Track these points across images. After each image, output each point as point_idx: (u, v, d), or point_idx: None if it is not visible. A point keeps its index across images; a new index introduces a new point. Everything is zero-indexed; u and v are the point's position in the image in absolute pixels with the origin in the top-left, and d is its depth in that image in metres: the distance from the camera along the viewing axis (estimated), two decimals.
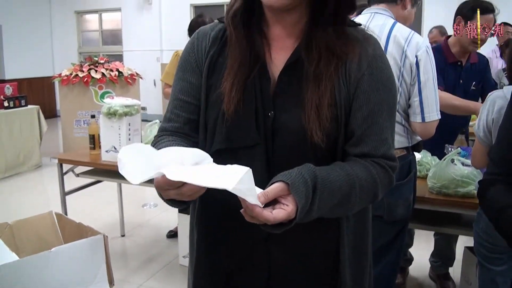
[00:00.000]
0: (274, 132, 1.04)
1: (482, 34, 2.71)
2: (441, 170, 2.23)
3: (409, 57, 1.91)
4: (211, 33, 1.14)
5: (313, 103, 1.00)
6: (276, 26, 1.09)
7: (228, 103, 1.04)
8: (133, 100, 3.05)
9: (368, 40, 1.08)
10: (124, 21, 10.34)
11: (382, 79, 1.06)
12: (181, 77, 1.15)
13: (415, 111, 1.96)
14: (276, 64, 1.08)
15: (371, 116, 1.04)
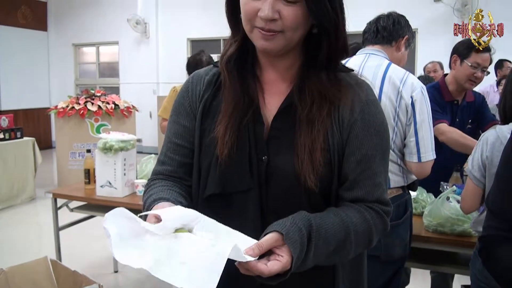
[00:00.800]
0: (268, 176, 1.04)
1: (478, 72, 2.74)
2: (437, 208, 2.22)
3: (404, 98, 1.93)
4: (205, 77, 1.15)
5: (306, 147, 1.00)
6: (269, 70, 1.10)
7: (221, 147, 1.04)
8: (129, 135, 3.04)
9: (361, 86, 1.09)
10: (122, 54, 10.42)
11: (375, 124, 1.06)
12: (175, 121, 1.16)
13: (411, 151, 1.97)
14: (269, 108, 1.08)
15: (364, 161, 1.04)
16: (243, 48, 1.09)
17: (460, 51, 2.80)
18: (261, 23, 0.97)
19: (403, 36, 2.16)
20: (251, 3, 0.97)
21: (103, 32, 10.42)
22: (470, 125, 2.93)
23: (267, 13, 0.94)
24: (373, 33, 2.16)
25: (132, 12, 9.78)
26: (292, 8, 0.95)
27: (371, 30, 2.18)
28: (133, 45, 10.12)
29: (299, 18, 0.97)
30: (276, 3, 0.95)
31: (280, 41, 0.99)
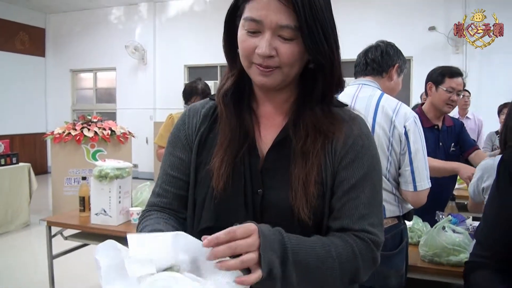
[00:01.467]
0: (263, 210, 1.04)
1: (453, 96, 2.87)
2: (433, 238, 2.22)
3: (397, 127, 1.94)
4: (202, 110, 1.17)
5: (300, 180, 1.01)
6: (265, 104, 1.12)
7: (217, 179, 1.04)
8: (124, 162, 3.04)
9: (354, 120, 1.11)
10: (119, 80, 10.49)
11: (366, 156, 1.07)
12: (171, 153, 1.17)
13: (406, 180, 1.97)
14: (265, 141, 1.09)
15: (352, 191, 1.04)
16: (240, 82, 1.11)
17: (434, 78, 2.95)
18: (259, 60, 0.99)
19: (393, 65, 2.18)
20: (249, 40, 0.99)
21: (100, 58, 10.51)
22: (453, 148, 3.00)
23: (264, 50, 0.97)
24: (363, 66, 2.19)
25: (130, 38, 9.89)
26: (289, 46, 0.98)
27: (361, 63, 2.21)
28: (130, 71, 10.19)
29: (295, 55, 0.99)
30: (273, 40, 0.97)
31: (277, 76, 1.01)
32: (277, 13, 0.95)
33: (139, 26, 10.12)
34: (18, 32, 10.34)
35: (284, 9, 0.95)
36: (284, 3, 0.94)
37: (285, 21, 0.95)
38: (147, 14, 10.02)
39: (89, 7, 10.38)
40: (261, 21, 0.96)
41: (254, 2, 0.97)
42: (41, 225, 3.31)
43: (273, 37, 0.97)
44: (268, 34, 0.97)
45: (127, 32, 10.14)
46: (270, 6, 0.95)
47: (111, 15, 10.51)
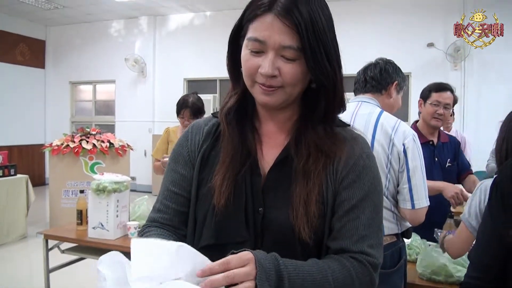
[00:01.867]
0: (263, 228, 1.04)
1: (440, 109, 2.94)
2: (431, 256, 2.21)
3: (396, 145, 1.95)
4: (204, 128, 1.17)
5: (301, 199, 1.01)
6: (268, 122, 1.13)
7: (218, 197, 1.04)
8: (122, 176, 3.03)
9: (356, 139, 1.11)
10: (118, 92, 10.51)
11: (368, 177, 1.07)
12: (173, 169, 1.16)
13: (404, 198, 1.97)
14: (266, 160, 1.10)
15: (352, 211, 1.04)
16: (243, 100, 1.12)
17: (423, 94, 3.06)
18: (262, 79, 1.00)
19: (392, 82, 2.19)
20: (252, 60, 1.00)
21: (100, 71, 10.55)
22: (450, 164, 3.02)
23: (267, 70, 0.98)
24: (362, 83, 2.21)
25: (129, 51, 9.93)
26: (292, 66, 0.99)
27: (360, 80, 2.23)
28: (129, 84, 10.22)
29: (298, 74, 1.00)
30: (276, 60, 0.98)
31: (280, 96, 1.02)
32: (280, 34, 0.96)
33: (139, 39, 10.17)
34: (19, 43, 10.38)
35: (287, 30, 0.96)
36: (288, 24, 0.96)
37: (288, 42, 0.97)
38: (147, 27, 10.08)
39: (89, 20, 10.43)
40: (265, 41, 0.98)
41: (258, 23, 0.99)
42: (38, 238, 3.28)
43: (276, 57, 0.98)
44: (271, 54, 0.98)
45: (127, 45, 10.18)
46: (274, 27, 0.97)
47: (111, 28, 10.56)
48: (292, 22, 0.95)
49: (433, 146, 2.99)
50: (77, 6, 9.33)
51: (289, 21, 0.95)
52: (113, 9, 9.60)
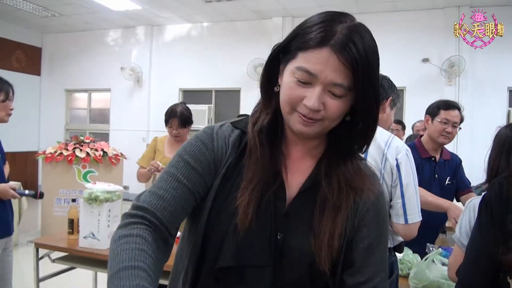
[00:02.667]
0: (282, 254, 1.03)
1: (448, 128, 2.97)
2: (422, 270, 2.21)
3: (389, 160, 1.96)
4: (229, 139, 1.10)
5: (327, 231, 1.02)
6: (295, 147, 1.11)
7: (242, 217, 1.00)
8: (115, 186, 3.02)
9: (374, 177, 1.13)
10: (113, 101, 10.51)
11: (382, 215, 1.11)
12: (189, 162, 1.06)
13: (397, 213, 1.98)
14: (291, 185, 1.08)
15: (370, 248, 1.07)
16: (274, 121, 1.08)
17: (431, 110, 3.07)
18: (304, 110, 0.97)
19: (387, 98, 2.20)
20: (298, 89, 0.97)
21: (96, 79, 10.55)
22: (449, 182, 3.03)
23: (313, 104, 0.95)
24: None
25: (126, 60, 9.94)
26: (338, 102, 0.97)
27: None
28: (125, 93, 10.22)
29: (341, 111, 0.99)
30: (323, 95, 0.95)
31: (317, 128, 1.00)
32: (334, 71, 0.93)
33: (136, 49, 10.19)
34: (15, 50, 10.38)
35: (342, 68, 0.93)
36: (344, 63, 0.92)
37: (340, 79, 0.94)
38: (144, 37, 10.10)
39: (86, 28, 10.45)
40: (316, 75, 0.94)
41: (312, 54, 0.94)
42: (29, 246, 3.25)
43: (323, 92, 0.95)
44: (319, 88, 0.95)
45: (123, 54, 10.20)
46: (329, 62, 0.93)
47: (108, 37, 10.58)
48: (348, 60, 0.92)
49: (434, 162, 3.02)
50: (74, 14, 9.35)
51: (345, 58, 0.92)
52: (110, 18, 9.63)
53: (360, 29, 0.96)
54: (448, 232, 3.26)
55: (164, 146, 3.73)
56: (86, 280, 4.05)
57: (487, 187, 1.24)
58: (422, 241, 2.63)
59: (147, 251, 0.93)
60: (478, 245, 1.17)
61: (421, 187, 2.71)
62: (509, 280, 1.06)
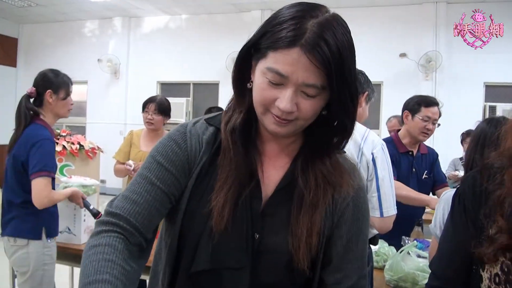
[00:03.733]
0: (260, 254, 1.01)
1: (429, 125, 2.95)
2: (397, 262, 2.24)
3: (365, 154, 1.98)
4: (203, 137, 1.07)
5: (305, 231, 0.99)
6: (271, 144, 1.08)
7: (217, 219, 0.97)
8: (91, 179, 2.99)
9: (353, 170, 1.11)
10: (90, 93, 10.38)
11: (362, 210, 1.09)
12: (162, 164, 1.03)
13: (373, 206, 2.00)
14: (267, 183, 1.05)
15: (348, 245, 1.06)
16: (248, 120, 1.05)
17: (411, 106, 3.02)
18: (277, 112, 0.94)
19: (362, 92, 2.23)
20: (270, 91, 0.94)
21: (72, 71, 10.12)
22: (426, 176, 3.06)
23: (286, 107, 0.92)
24: None
25: (103, 52, 9.82)
26: (311, 102, 0.94)
27: None
28: (102, 85, 10.10)
29: (315, 110, 0.96)
30: (296, 96, 0.92)
31: (292, 127, 0.98)
32: (305, 72, 0.89)
33: (113, 40, 10.07)
34: None
35: (314, 69, 0.89)
36: (316, 64, 0.88)
37: (312, 80, 0.90)
38: (122, 28, 9.99)
39: (63, 19, 10.29)
40: (287, 76, 0.90)
41: (281, 55, 0.90)
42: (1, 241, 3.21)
43: (296, 92, 0.92)
44: (291, 90, 0.91)
45: (100, 46, 10.07)
46: (300, 63, 0.89)
47: (85, 28, 10.43)
48: (319, 60, 0.88)
49: (412, 156, 3.03)
50: (50, 4, 9.19)
51: (317, 59, 0.87)
52: (87, 9, 9.49)
53: (333, 24, 0.91)
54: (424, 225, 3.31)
55: (140, 140, 3.69)
56: (62, 275, 4.00)
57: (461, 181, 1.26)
58: (397, 234, 2.67)
59: (115, 261, 0.91)
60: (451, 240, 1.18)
61: (399, 181, 2.76)
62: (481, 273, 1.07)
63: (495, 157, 1.10)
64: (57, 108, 2.72)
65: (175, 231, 1.03)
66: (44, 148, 2.46)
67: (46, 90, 2.66)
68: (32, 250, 2.49)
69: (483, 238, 1.05)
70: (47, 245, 2.53)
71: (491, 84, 7.80)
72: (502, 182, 1.03)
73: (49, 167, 2.46)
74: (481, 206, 1.08)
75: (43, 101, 2.66)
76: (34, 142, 2.46)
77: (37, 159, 2.42)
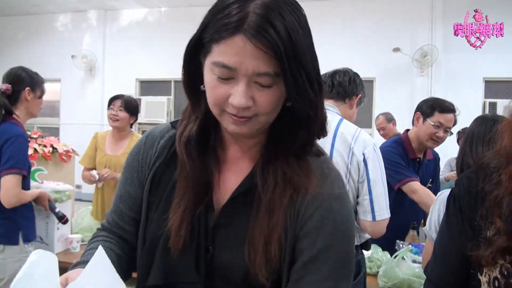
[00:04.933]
0: (214, 268, 0.99)
1: (440, 132, 2.85)
2: (392, 268, 2.27)
3: (356, 155, 1.99)
4: (160, 141, 1.09)
5: (262, 238, 0.95)
6: (232, 147, 1.06)
7: (174, 240, 0.98)
8: (64, 185, 2.98)
9: (326, 177, 1.02)
10: (64, 92, 10.28)
11: (334, 223, 0.98)
12: (123, 183, 1.13)
13: (365, 210, 2.01)
14: (223, 191, 1.03)
15: (313, 262, 0.96)
16: (204, 125, 1.03)
17: (424, 109, 2.92)
18: (233, 110, 0.90)
19: (357, 94, 2.25)
20: (220, 87, 0.90)
21: (44, 68, 10.00)
22: (430, 184, 3.06)
23: (240, 102, 0.88)
24: (328, 88, 2.24)
25: (77, 48, 9.73)
26: (267, 93, 0.90)
27: (326, 84, 2.26)
28: (76, 83, 10.00)
29: (274, 101, 0.92)
30: (249, 89, 0.89)
31: (253, 125, 0.94)
32: (254, 60, 0.85)
33: (87, 35, 9.98)
34: None
35: (262, 55, 0.85)
36: (262, 49, 0.84)
37: (263, 68, 0.86)
38: (97, 22, 9.91)
39: (33, 12, 10.18)
40: (235, 68, 0.86)
41: (225, 46, 0.86)
42: None
43: (248, 85, 0.88)
44: (243, 83, 0.88)
45: (74, 41, 9.97)
46: (246, 51, 0.85)
47: (57, 22, 10.33)
48: (267, 45, 0.84)
49: (419, 163, 3.00)
50: None
51: (264, 43, 0.84)
52: (59, 1, 9.41)
53: (279, 3, 0.87)
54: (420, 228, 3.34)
55: (105, 143, 3.65)
56: None
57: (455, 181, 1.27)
58: (391, 239, 2.69)
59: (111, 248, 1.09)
60: (445, 241, 1.20)
61: None
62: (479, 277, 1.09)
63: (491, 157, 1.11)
64: (32, 107, 2.77)
65: (140, 240, 1.08)
66: (17, 145, 2.48)
67: (25, 87, 2.71)
68: (8, 256, 2.49)
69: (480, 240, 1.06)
70: (24, 250, 2.53)
71: (491, 79, 7.83)
72: (499, 182, 1.04)
73: (20, 164, 2.48)
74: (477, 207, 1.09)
75: (18, 99, 2.69)
76: (7, 138, 2.48)
77: (9, 155, 2.44)
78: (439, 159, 3.25)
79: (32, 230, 2.62)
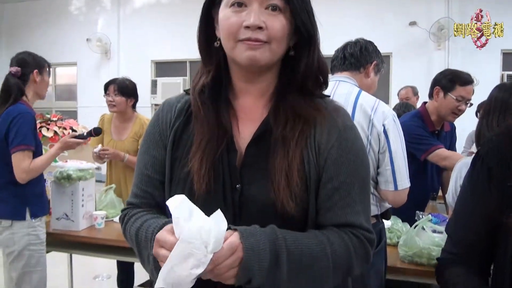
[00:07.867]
0: (241, 205, 1.06)
1: (462, 105, 2.83)
2: (412, 238, 2.28)
3: (376, 126, 2.00)
4: (177, 105, 1.17)
5: (282, 171, 1.02)
6: (244, 96, 1.14)
7: (198, 182, 1.05)
8: (87, 163, 3.03)
9: (338, 111, 1.13)
10: (80, 76, 10.37)
11: (353, 150, 1.09)
12: (146, 151, 1.18)
13: (387, 180, 2.03)
14: (243, 136, 1.11)
15: (342, 188, 1.06)
16: (217, 77, 1.13)
17: (444, 84, 2.87)
18: (247, 34, 1.02)
19: (371, 62, 2.24)
20: (234, 16, 1.03)
21: (60, 52, 10.33)
22: None
23: (254, 20, 1.00)
24: (341, 60, 2.25)
25: (92, 31, 9.78)
26: (277, 18, 1.03)
27: (338, 57, 2.27)
28: (92, 67, 10.08)
29: (284, 28, 1.04)
30: (261, 13, 1.02)
31: (265, 52, 1.03)
32: None
33: (102, 18, 10.03)
34: None
35: None
36: None
37: None
38: (111, 5, 9.94)
39: None
40: None
41: None
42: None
43: (260, 8, 1.02)
44: (255, 5, 1.02)
45: (88, 24, 10.02)
46: None
47: (72, 5, 10.38)
48: None
49: (437, 136, 3.00)
50: None
51: None
52: None
53: None
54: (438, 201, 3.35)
55: (111, 127, 3.68)
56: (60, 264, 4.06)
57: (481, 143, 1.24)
58: (411, 210, 2.70)
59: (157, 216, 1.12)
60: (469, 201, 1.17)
61: None
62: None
63: None
64: (40, 88, 2.90)
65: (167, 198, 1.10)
66: (22, 121, 2.57)
67: (33, 69, 2.82)
68: (16, 231, 2.60)
69: None
70: (32, 225, 2.63)
71: (509, 51, 7.74)
72: None
73: (28, 140, 2.58)
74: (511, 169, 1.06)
75: (27, 81, 2.79)
76: (13, 117, 2.56)
77: (16, 132, 2.54)
78: (455, 128, 3.25)
79: (41, 206, 2.71)
